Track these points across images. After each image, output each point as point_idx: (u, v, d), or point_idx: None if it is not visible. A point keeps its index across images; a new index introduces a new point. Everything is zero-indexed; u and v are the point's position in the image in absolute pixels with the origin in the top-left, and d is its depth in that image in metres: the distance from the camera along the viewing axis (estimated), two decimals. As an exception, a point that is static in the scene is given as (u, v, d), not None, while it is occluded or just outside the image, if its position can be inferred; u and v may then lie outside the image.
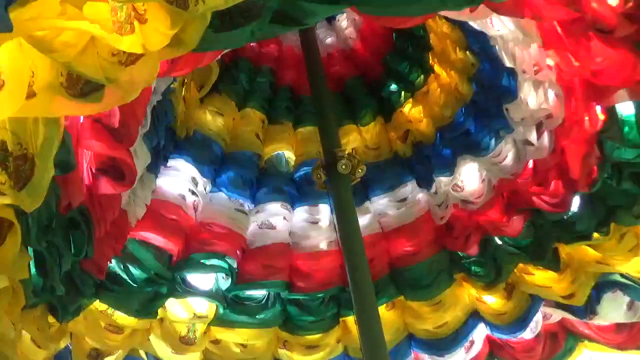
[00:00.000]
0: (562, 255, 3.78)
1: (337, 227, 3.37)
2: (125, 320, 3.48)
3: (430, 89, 4.12)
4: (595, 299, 3.71)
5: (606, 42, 2.50)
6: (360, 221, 3.84)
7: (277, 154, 4.30)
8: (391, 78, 4.40)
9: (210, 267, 3.75)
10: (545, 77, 3.09)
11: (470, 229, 3.98)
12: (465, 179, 3.96)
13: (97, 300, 3.32)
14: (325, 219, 4.09)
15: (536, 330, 4.06)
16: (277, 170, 4.24)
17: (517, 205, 3.78)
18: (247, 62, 4.33)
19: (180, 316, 3.75)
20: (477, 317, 4.17)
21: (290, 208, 4.12)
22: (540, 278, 3.87)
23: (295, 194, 4.17)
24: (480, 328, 4.20)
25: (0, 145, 1.83)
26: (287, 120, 4.35)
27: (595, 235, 3.54)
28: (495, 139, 3.68)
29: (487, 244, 4.00)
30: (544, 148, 3.40)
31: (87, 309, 3.28)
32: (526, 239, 3.86)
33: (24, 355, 2.76)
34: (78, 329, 3.29)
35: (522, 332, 4.03)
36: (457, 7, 2.40)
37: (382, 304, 3.96)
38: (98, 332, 3.39)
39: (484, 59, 3.51)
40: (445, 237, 4.13)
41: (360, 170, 3.32)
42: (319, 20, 2.20)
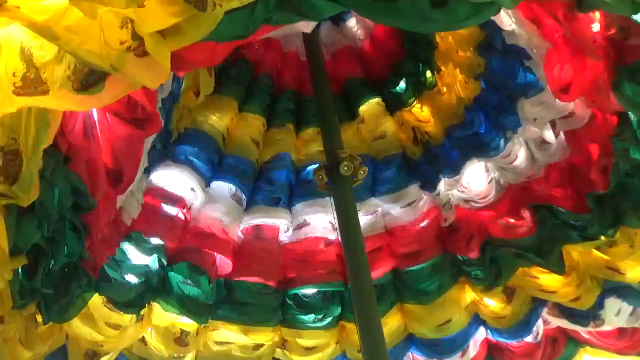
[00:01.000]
0: (569, 259, 3.71)
1: (338, 228, 3.30)
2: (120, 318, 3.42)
3: (438, 88, 4.04)
4: (598, 305, 3.67)
5: None
6: (363, 218, 3.89)
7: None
8: (399, 78, 4.31)
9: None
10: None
11: (472, 232, 3.93)
12: (472, 180, 3.88)
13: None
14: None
15: (537, 335, 4.04)
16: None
17: (525, 204, 3.72)
18: (248, 63, 4.24)
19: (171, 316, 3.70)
20: (478, 321, 4.13)
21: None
22: (545, 281, 3.82)
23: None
24: (479, 332, 4.16)
25: None
26: (289, 123, 4.29)
27: (602, 237, 3.47)
28: (505, 139, 3.62)
29: (488, 246, 3.94)
30: (562, 148, 3.34)
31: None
32: (530, 240, 3.78)
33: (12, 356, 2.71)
34: (73, 328, 3.23)
35: (525, 336, 4.01)
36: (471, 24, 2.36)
37: (384, 310, 3.91)
38: (94, 328, 3.32)
39: (495, 56, 3.40)
40: (448, 239, 4.08)
41: (362, 172, 3.26)
42: (325, 15, 2.12)
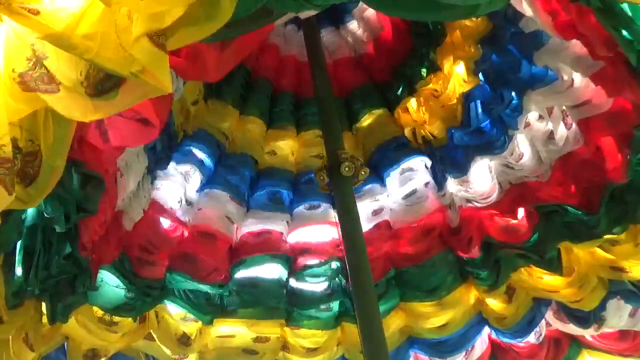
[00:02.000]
0: (572, 259, 3.66)
1: (339, 229, 3.31)
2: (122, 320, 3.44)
3: (435, 88, 3.99)
4: (600, 306, 3.62)
5: None
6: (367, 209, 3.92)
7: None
8: (401, 80, 4.30)
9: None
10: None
11: (474, 232, 3.91)
12: (476, 179, 3.86)
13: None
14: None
15: (540, 336, 4.01)
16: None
17: (526, 204, 3.68)
18: (245, 68, 4.25)
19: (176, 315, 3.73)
20: (482, 321, 4.11)
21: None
22: (547, 281, 3.78)
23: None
24: (483, 332, 4.15)
25: (13, 142, 1.79)
26: (290, 124, 4.31)
27: (608, 236, 3.39)
28: (507, 136, 3.59)
29: (489, 246, 3.91)
30: (573, 141, 3.29)
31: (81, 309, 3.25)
32: (531, 240, 3.73)
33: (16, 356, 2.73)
34: (73, 329, 3.25)
35: (527, 337, 3.98)
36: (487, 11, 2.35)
37: (385, 310, 3.90)
38: (94, 330, 3.34)
39: (497, 49, 3.38)
40: (450, 239, 4.06)
41: (364, 172, 3.28)
42: (328, 3, 2.13)
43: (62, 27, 1.59)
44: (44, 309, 2.91)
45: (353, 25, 4.49)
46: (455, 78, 3.78)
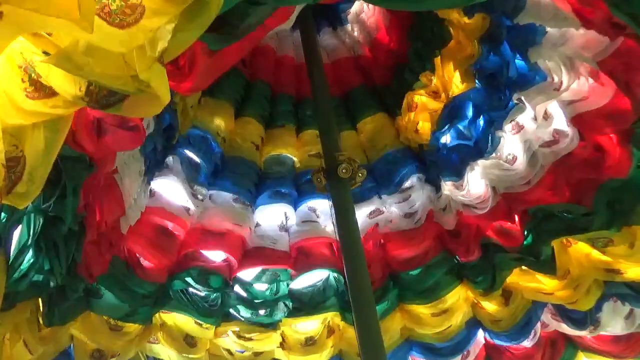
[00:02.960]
0: (567, 260, 3.66)
1: (336, 231, 3.30)
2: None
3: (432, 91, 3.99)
4: (596, 308, 3.65)
5: None
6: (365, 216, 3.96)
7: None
8: (400, 82, 4.26)
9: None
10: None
11: (472, 236, 3.93)
12: (471, 182, 3.86)
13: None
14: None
15: (535, 338, 4.02)
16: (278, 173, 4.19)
17: (519, 208, 3.70)
18: (240, 72, 4.26)
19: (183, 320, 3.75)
20: (478, 323, 4.14)
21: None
22: (542, 283, 3.79)
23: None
24: (479, 335, 4.18)
25: None
26: (290, 124, 4.32)
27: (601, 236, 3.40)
28: (494, 138, 3.58)
29: (487, 249, 3.94)
30: (570, 140, 3.31)
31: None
32: (525, 243, 3.75)
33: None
34: (80, 331, 3.27)
35: (524, 339, 3.99)
36: None
37: (383, 310, 3.93)
38: (99, 334, 3.37)
39: (494, 47, 3.36)
40: (448, 242, 4.08)
41: (361, 174, 3.28)
42: None
43: (62, 47, 1.56)
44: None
45: (350, 27, 4.52)
46: (455, 80, 3.76)
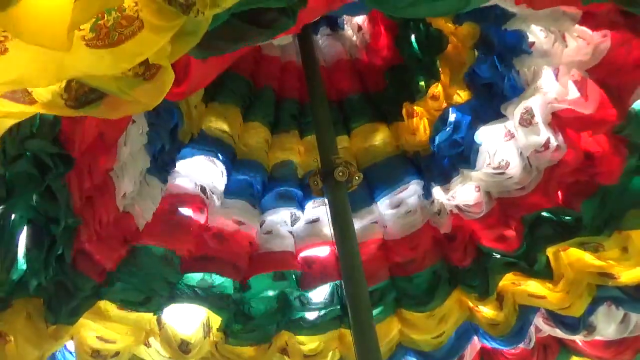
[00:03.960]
0: (559, 265, 3.69)
1: (333, 234, 3.34)
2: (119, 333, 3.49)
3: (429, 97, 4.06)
4: (589, 312, 3.67)
5: None
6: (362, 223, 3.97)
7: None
8: (395, 88, 4.36)
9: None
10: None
11: (467, 240, 3.97)
12: (461, 188, 3.92)
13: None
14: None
15: (530, 342, 4.04)
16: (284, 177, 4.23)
17: (514, 214, 3.74)
18: (243, 79, 4.33)
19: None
20: (473, 327, 4.15)
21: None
22: (533, 288, 3.81)
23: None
24: (474, 339, 4.19)
25: None
26: (293, 129, 4.38)
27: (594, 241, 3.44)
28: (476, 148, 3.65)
29: (481, 254, 3.97)
30: (561, 149, 3.36)
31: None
32: (519, 249, 3.79)
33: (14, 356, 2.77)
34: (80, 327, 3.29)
35: (519, 343, 4.00)
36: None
37: (379, 314, 3.95)
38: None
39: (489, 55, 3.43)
40: (445, 247, 4.10)
41: (357, 177, 3.33)
42: None
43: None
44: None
45: (349, 33, 4.60)
46: (451, 88, 3.85)
